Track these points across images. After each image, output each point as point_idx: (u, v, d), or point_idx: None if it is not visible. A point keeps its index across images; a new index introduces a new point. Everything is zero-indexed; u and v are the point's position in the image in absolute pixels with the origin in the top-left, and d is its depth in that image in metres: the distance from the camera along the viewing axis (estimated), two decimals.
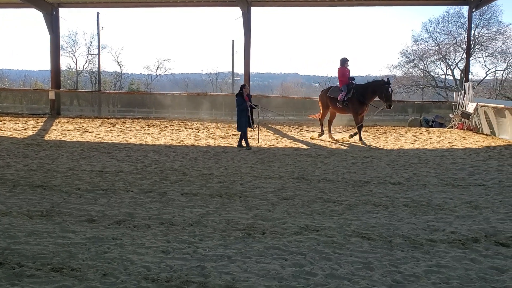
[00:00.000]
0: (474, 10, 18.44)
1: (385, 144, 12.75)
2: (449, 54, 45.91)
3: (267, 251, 4.25)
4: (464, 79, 19.02)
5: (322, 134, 13.85)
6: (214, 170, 8.45)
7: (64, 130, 14.80)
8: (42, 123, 16.51)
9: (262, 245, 4.41)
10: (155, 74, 59.88)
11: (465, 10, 36.49)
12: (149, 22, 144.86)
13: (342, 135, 13.69)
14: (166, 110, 19.88)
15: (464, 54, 40.06)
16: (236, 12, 18.50)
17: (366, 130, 14.15)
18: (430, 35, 46.56)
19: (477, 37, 43.19)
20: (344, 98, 12.99)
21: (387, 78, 12.83)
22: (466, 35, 22.42)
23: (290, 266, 3.92)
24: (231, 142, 12.77)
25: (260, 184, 7.31)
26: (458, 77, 44.24)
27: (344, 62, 13.41)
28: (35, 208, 5.65)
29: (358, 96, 12.79)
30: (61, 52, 21.48)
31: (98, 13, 39.14)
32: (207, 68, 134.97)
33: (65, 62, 53.82)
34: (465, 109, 15.90)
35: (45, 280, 3.58)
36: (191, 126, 16.18)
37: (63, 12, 20.13)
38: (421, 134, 14.73)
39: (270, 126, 15.97)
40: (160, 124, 16.64)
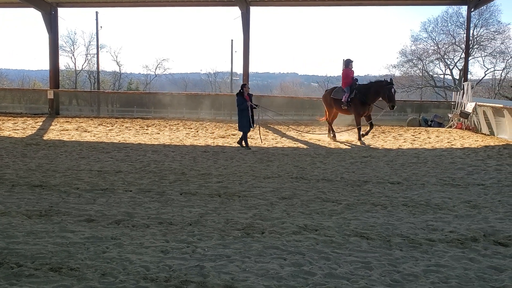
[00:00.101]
0: (473, 10, 18.47)
1: (384, 143, 12.76)
2: (448, 53, 46.02)
3: (266, 251, 4.25)
4: (463, 79, 19.06)
5: (334, 135, 13.50)
6: (213, 170, 8.45)
7: (63, 130, 14.79)
8: (41, 123, 16.49)
9: (261, 244, 4.41)
10: (154, 73, 59.92)
11: (464, 9, 36.54)
12: (148, 22, 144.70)
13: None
14: (165, 110, 19.88)
15: (463, 54, 40.09)
16: (235, 11, 18.49)
17: (365, 130, 14.07)
18: (429, 35, 46.69)
19: (476, 36, 43.26)
20: (347, 99, 12.86)
21: (390, 78, 12.65)
22: (465, 35, 22.42)
23: (289, 265, 3.92)
24: (230, 141, 12.77)
25: (259, 183, 7.31)
26: (457, 76, 44.30)
27: (348, 63, 13.31)
28: (34, 207, 5.64)
29: (360, 96, 12.66)
30: (60, 51, 21.51)
31: (97, 12, 39.09)
32: (206, 67, 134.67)
33: (64, 62, 53.82)
34: (464, 108, 15.92)
35: (44, 280, 3.58)
36: (190, 125, 16.17)
37: (62, 11, 20.09)
38: (420, 133, 14.74)
39: (269, 125, 15.96)
40: (159, 123, 16.63)
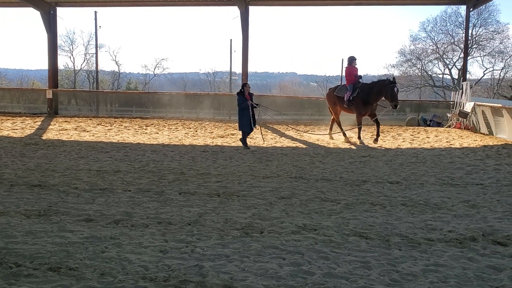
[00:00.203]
0: (471, 10, 18.49)
1: (382, 143, 12.75)
2: (446, 53, 46.12)
3: (265, 250, 4.25)
4: (461, 79, 19.07)
5: (345, 134, 13.21)
6: (212, 170, 8.45)
7: (61, 130, 14.78)
8: (39, 123, 16.47)
9: (260, 244, 4.41)
10: (153, 73, 59.91)
11: (462, 9, 36.59)
12: (147, 21, 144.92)
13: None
14: (164, 110, 19.89)
15: (461, 54, 40.09)
16: (234, 11, 18.51)
17: (364, 130, 14.09)
18: (428, 35, 46.78)
19: (474, 36, 43.35)
20: (349, 97, 12.69)
21: (393, 77, 12.45)
22: (463, 35, 22.43)
23: (288, 265, 3.92)
24: (229, 141, 12.76)
25: (258, 183, 7.31)
26: (456, 76, 44.37)
27: (351, 61, 13.09)
28: (33, 207, 5.63)
29: (363, 95, 12.47)
30: (59, 51, 21.50)
31: (95, 12, 39.08)
32: (205, 67, 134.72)
33: (62, 62, 53.90)
34: (462, 108, 15.93)
35: (42, 279, 3.57)
36: (189, 125, 16.16)
37: (61, 11, 20.09)
38: (418, 133, 14.75)
39: (268, 125, 15.95)
40: (158, 123, 16.61)
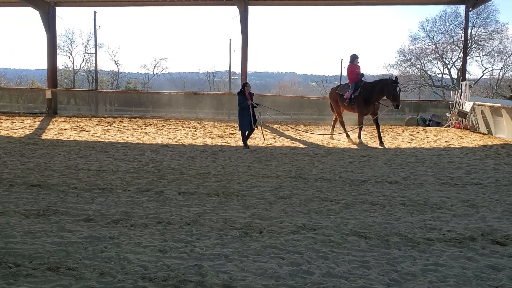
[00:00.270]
0: (471, 10, 18.50)
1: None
2: (446, 53, 46.13)
3: (264, 250, 4.25)
4: (461, 78, 19.10)
5: (348, 135, 13.07)
6: (211, 169, 8.44)
7: (61, 129, 14.76)
8: (39, 122, 16.46)
9: (259, 244, 4.41)
10: (152, 73, 59.90)
11: (462, 9, 36.56)
12: (146, 21, 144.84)
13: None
14: (163, 109, 19.89)
15: (461, 53, 40.17)
16: (233, 11, 18.53)
17: (364, 130, 14.07)
18: (427, 34, 46.77)
19: (474, 36, 43.36)
20: (351, 96, 12.50)
21: (395, 77, 12.28)
22: (463, 34, 22.45)
23: (287, 265, 3.92)
24: (229, 141, 12.76)
25: (257, 183, 7.31)
26: (455, 76, 44.40)
27: (353, 59, 12.93)
28: (32, 207, 5.63)
29: (364, 94, 12.30)
30: (58, 51, 21.48)
31: (95, 12, 39.11)
32: (204, 67, 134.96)
33: (62, 61, 53.87)
34: (462, 108, 15.94)
35: (41, 279, 3.57)
36: (188, 125, 16.16)
37: (60, 11, 20.08)
38: (418, 133, 14.76)
39: (267, 125, 15.95)
40: (157, 123, 16.61)
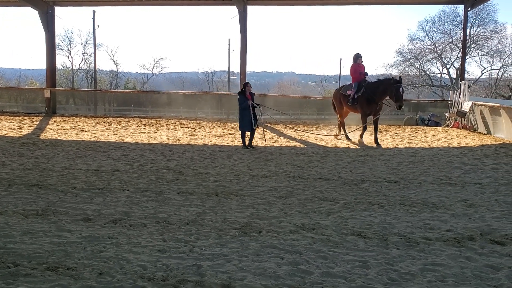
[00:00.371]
0: (469, 9, 18.52)
1: (381, 142, 12.75)
2: (445, 53, 46.19)
3: (264, 250, 4.25)
4: (459, 78, 19.12)
5: (347, 136, 12.95)
6: (210, 169, 8.44)
7: (59, 129, 14.75)
8: (37, 122, 16.44)
9: (259, 243, 4.41)
10: (151, 72, 59.92)
11: (460, 9, 36.64)
12: (145, 21, 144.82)
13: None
14: (162, 109, 19.88)
15: (459, 53, 40.26)
16: (232, 10, 18.60)
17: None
18: (426, 34, 46.85)
19: (472, 36, 43.42)
20: (354, 96, 12.35)
21: (399, 77, 12.11)
22: (461, 34, 22.49)
23: (286, 264, 3.92)
24: (228, 140, 12.75)
25: (256, 183, 7.31)
26: (454, 75, 44.45)
27: (356, 58, 12.75)
28: (31, 207, 5.62)
29: (368, 94, 12.16)
30: (57, 50, 21.43)
31: (94, 11, 39.15)
32: (203, 66, 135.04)
33: (60, 61, 53.77)
34: (460, 107, 15.96)
35: (40, 279, 3.57)
36: (187, 125, 16.15)
37: (59, 10, 20.08)
38: (416, 132, 14.77)
39: (266, 124, 15.93)
40: (156, 122, 16.60)
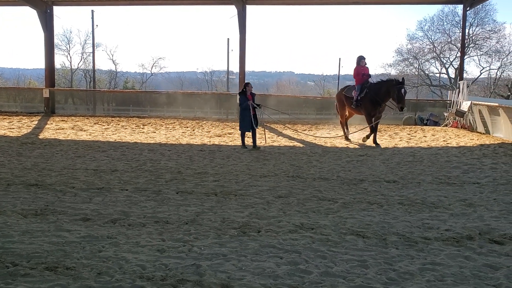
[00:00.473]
0: (468, 9, 18.51)
1: (380, 142, 12.76)
2: (443, 52, 46.22)
3: (262, 250, 4.26)
4: (458, 78, 19.13)
5: (347, 137, 12.97)
6: (209, 169, 8.44)
7: (58, 129, 14.73)
8: (36, 122, 16.42)
9: (258, 243, 4.41)
10: (150, 72, 59.84)
11: (459, 9, 36.70)
12: (144, 20, 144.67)
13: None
14: (161, 109, 19.86)
15: (458, 53, 40.26)
16: (231, 10, 18.54)
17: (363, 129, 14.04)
18: (425, 34, 46.85)
19: (471, 35, 43.45)
20: (357, 97, 12.35)
21: (402, 78, 12.09)
22: (460, 34, 22.51)
23: (285, 264, 3.92)
24: (227, 140, 12.75)
25: (255, 182, 7.31)
26: (453, 75, 44.48)
27: (359, 60, 12.72)
28: (30, 207, 5.62)
29: (371, 95, 12.12)
30: (55, 50, 21.38)
31: (92, 11, 39.11)
32: (202, 66, 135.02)
33: (59, 61, 53.59)
34: (459, 107, 15.97)
35: (39, 279, 3.56)
36: (186, 124, 16.14)
37: (58, 10, 19.98)
38: (415, 132, 14.78)
39: (266, 124, 15.90)
40: (155, 122, 16.59)
